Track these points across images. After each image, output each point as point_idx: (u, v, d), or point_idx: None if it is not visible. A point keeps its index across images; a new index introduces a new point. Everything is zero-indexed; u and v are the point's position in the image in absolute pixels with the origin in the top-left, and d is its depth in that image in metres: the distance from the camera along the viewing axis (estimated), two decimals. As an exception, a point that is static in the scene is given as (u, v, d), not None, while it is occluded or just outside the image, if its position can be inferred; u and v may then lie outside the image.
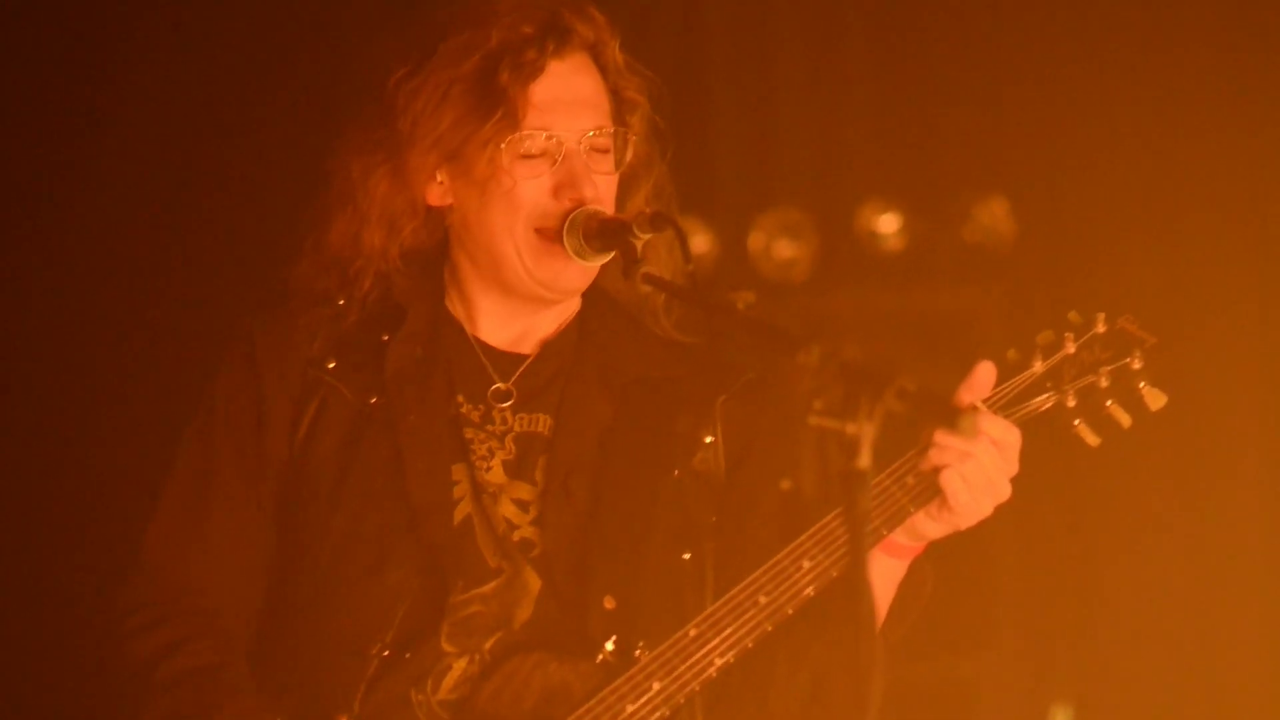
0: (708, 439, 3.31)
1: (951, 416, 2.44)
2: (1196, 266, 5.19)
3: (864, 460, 2.48)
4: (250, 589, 3.28)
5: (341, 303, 3.30)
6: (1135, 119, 5.26)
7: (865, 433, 2.48)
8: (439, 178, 3.27)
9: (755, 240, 5.53)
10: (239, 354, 3.30)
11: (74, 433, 4.85)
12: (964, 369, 3.10)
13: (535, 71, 3.21)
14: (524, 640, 3.17)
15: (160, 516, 3.31)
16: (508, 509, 3.22)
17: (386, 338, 3.28)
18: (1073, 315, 3.20)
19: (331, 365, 3.27)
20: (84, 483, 4.82)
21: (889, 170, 5.50)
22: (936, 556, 3.23)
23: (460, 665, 3.15)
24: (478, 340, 3.32)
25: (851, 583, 2.53)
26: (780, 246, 5.53)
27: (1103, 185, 5.28)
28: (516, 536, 3.21)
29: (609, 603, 3.17)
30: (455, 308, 3.33)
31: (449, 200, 3.28)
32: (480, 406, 3.27)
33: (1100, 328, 3.19)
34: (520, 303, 3.30)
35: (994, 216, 5.45)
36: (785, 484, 3.10)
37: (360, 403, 3.25)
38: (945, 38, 5.40)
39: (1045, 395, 3.17)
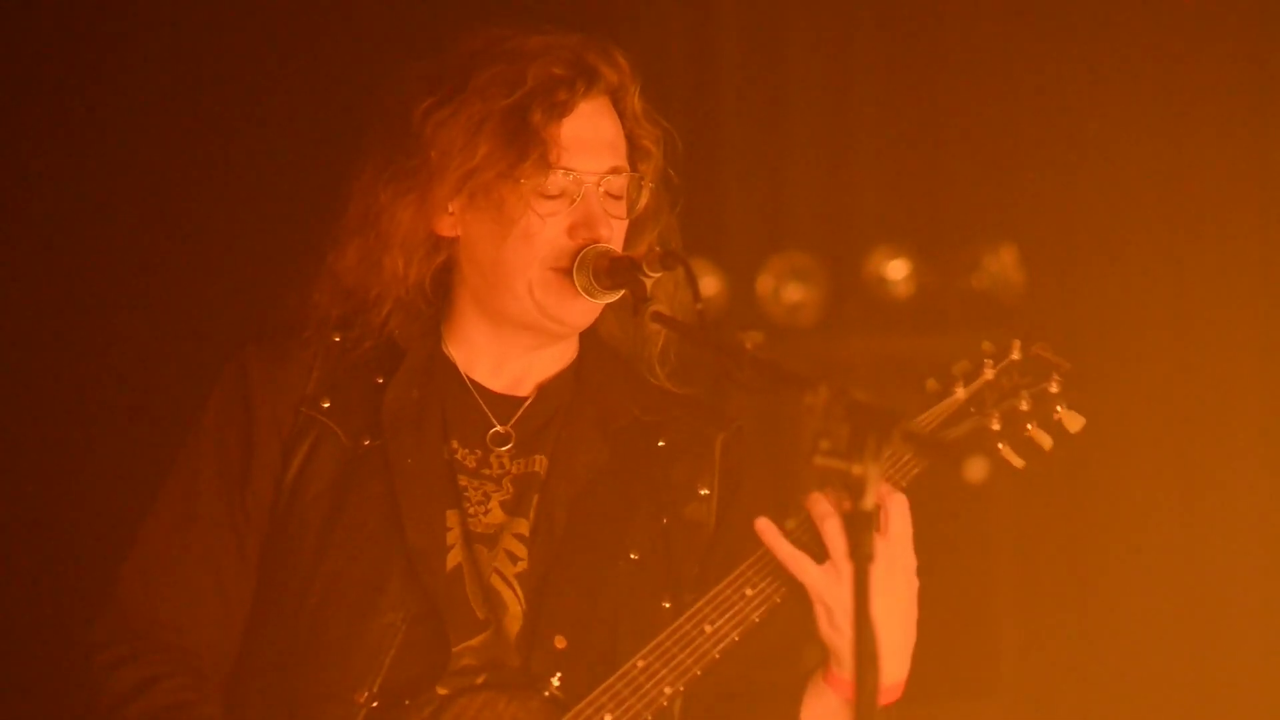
0: (703, 491, 3.31)
1: (958, 458, 2.44)
2: (1206, 311, 5.20)
3: (869, 501, 2.49)
4: (227, 630, 3.22)
5: (337, 338, 3.27)
6: (1146, 168, 5.28)
7: (871, 473, 2.49)
8: (450, 208, 3.25)
9: (764, 284, 5.55)
10: (232, 388, 3.26)
11: (63, 453, 4.79)
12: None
13: (565, 112, 3.20)
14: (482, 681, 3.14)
15: (138, 551, 3.25)
16: (510, 544, 3.21)
17: (381, 380, 3.26)
18: (986, 345, 3.26)
19: (326, 405, 3.24)
20: (68, 508, 4.76)
21: (899, 216, 5.52)
22: (937, 600, 3.20)
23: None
24: (474, 383, 3.30)
25: (856, 624, 2.54)
26: (789, 290, 5.54)
27: (1112, 233, 5.29)
28: (518, 568, 3.20)
29: (559, 642, 3.15)
30: (452, 350, 3.31)
31: (457, 232, 3.27)
32: (477, 451, 3.25)
33: (1016, 354, 3.25)
34: (519, 342, 3.29)
35: (1003, 265, 5.47)
36: (790, 523, 3.10)
37: (354, 444, 3.22)
38: (957, 86, 5.42)
39: (970, 420, 3.21)
